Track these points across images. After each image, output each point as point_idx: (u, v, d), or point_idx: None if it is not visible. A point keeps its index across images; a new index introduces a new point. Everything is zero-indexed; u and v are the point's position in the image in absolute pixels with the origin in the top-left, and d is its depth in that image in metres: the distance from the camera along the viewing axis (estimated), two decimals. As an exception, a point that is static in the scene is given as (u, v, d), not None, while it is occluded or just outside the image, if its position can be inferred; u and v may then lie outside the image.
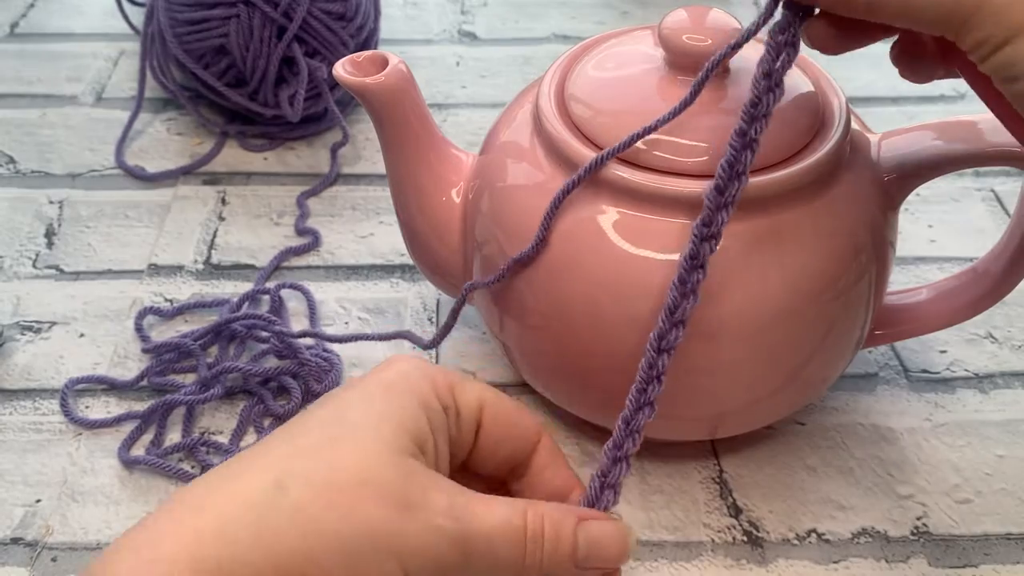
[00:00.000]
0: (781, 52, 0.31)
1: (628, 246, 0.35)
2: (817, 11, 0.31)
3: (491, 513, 0.28)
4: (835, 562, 0.40)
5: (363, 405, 0.29)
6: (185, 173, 0.61)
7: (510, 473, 0.33)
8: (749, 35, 0.33)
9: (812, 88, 0.39)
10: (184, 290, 0.53)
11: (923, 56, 0.30)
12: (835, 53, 0.32)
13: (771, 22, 0.32)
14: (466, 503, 0.28)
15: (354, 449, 0.28)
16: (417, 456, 0.29)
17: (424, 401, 0.30)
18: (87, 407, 0.47)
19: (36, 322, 0.51)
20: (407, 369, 0.30)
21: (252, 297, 0.52)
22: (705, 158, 0.35)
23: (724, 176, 0.32)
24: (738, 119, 0.32)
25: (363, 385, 0.30)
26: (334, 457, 0.28)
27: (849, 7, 0.29)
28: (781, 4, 0.32)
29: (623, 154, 0.36)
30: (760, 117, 0.31)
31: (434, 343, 0.46)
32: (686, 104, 0.34)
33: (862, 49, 0.33)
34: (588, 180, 0.36)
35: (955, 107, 0.66)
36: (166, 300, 0.52)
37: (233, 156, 0.62)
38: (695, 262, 0.32)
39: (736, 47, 0.33)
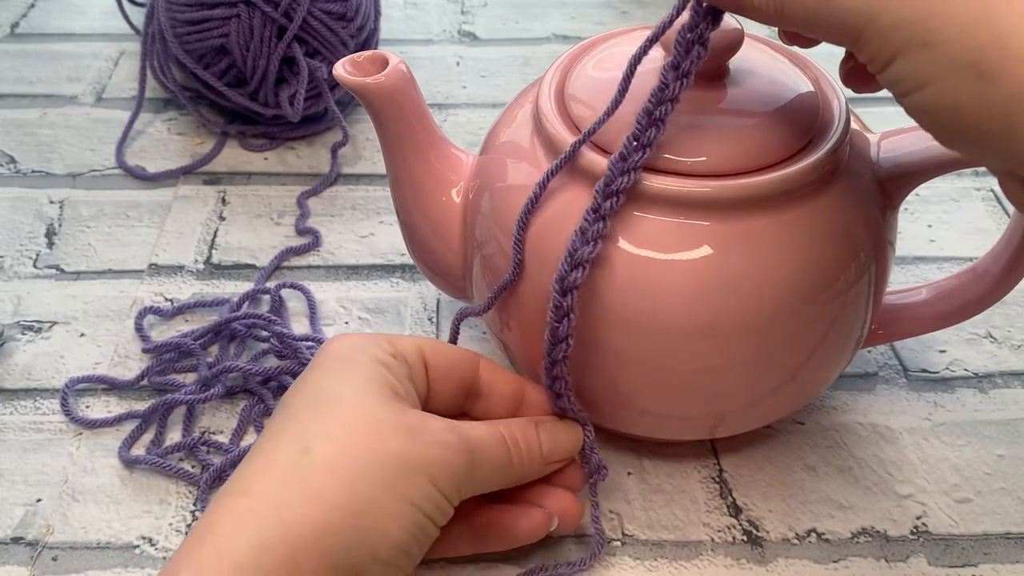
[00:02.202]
0: (691, 49, 0.33)
1: (627, 245, 0.35)
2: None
3: (477, 427, 0.35)
4: (835, 561, 0.40)
5: (337, 376, 0.34)
6: (186, 173, 0.61)
7: (466, 400, 0.39)
8: (665, 28, 0.35)
9: (812, 88, 0.39)
10: (184, 290, 0.53)
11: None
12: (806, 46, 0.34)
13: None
14: (456, 423, 0.35)
15: (353, 406, 0.33)
16: (399, 400, 0.34)
17: (379, 359, 0.35)
18: (87, 407, 0.47)
19: (36, 322, 0.51)
20: (352, 341, 0.36)
21: (252, 297, 0.52)
22: (704, 158, 0.35)
23: (627, 147, 0.34)
24: (647, 101, 0.34)
25: (326, 364, 0.35)
26: (342, 416, 0.32)
27: (761, 15, 0.30)
28: (690, 5, 0.33)
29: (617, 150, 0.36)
30: (667, 100, 0.34)
31: None
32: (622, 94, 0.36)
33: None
34: (588, 180, 0.36)
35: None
36: (166, 300, 0.52)
37: (233, 156, 0.62)
38: (596, 215, 0.35)
39: (652, 42, 0.35)
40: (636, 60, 0.35)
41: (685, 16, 0.34)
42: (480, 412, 0.39)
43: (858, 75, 0.32)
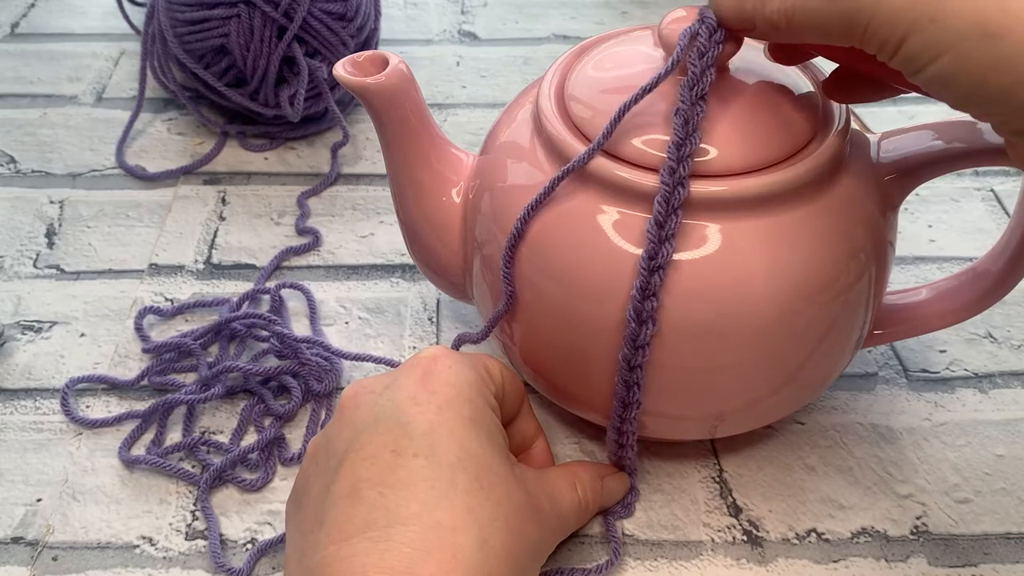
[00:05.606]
0: (704, 72, 0.34)
1: (628, 246, 0.35)
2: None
3: (565, 498, 0.38)
4: (835, 561, 0.40)
5: (466, 433, 0.34)
6: (186, 173, 0.61)
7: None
8: (677, 61, 0.35)
9: (812, 88, 0.39)
10: (184, 290, 0.53)
11: (856, 81, 0.34)
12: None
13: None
14: (552, 492, 0.37)
15: (495, 478, 0.34)
16: (509, 452, 0.36)
17: (491, 404, 0.36)
18: (88, 407, 0.47)
19: (37, 322, 0.51)
20: (465, 380, 0.36)
21: (252, 297, 0.52)
22: (708, 157, 0.35)
23: (668, 184, 0.34)
24: (672, 131, 0.34)
25: (455, 405, 0.35)
26: (498, 496, 0.33)
27: (773, 28, 0.32)
28: (704, 27, 0.34)
29: (622, 154, 0.36)
30: (692, 133, 0.34)
31: None
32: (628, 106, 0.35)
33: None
34: (589, 180, 0.36)
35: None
36: (166, 300, 0.52)
37: (233, 156, 0.62)
38: (653, 262, 0.34)
39: (667, 74, 0.35)
40: (643, 92, 0.35)
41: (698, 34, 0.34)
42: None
43: (841, 84, 0.34)
